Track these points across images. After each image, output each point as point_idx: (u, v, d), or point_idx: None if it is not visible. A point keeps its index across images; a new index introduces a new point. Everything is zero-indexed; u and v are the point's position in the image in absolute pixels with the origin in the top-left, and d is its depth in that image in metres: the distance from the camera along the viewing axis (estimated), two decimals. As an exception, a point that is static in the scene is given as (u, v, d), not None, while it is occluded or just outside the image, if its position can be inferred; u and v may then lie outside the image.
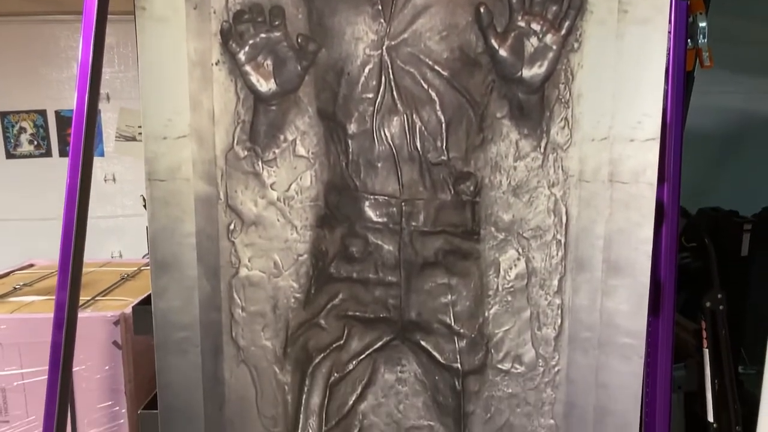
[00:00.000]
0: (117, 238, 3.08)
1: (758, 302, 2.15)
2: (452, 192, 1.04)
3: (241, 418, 1.09)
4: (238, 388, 1.08)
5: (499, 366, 1.09)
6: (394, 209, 1.04)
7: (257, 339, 1.08)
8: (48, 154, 3.06)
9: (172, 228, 1.01)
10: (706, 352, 1.44)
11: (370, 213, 1.05)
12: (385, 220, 1.05)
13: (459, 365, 1.09)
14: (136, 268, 1.91)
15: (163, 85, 0.98)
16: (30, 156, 3.06)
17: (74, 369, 1.42)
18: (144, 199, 1.06)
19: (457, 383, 1.10)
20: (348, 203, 1.05)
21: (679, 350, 1.48)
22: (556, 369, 1.07)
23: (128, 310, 1.46)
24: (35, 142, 3.06)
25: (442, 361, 1.09)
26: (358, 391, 1.10)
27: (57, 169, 2.81)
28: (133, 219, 2.99)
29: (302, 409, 1.10)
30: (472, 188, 1.03)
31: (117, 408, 1.46)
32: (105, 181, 3.05)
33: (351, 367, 1.10)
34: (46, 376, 1.34)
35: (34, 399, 1.45)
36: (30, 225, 2.97)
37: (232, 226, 1.05)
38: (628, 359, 1.01)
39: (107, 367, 1.45)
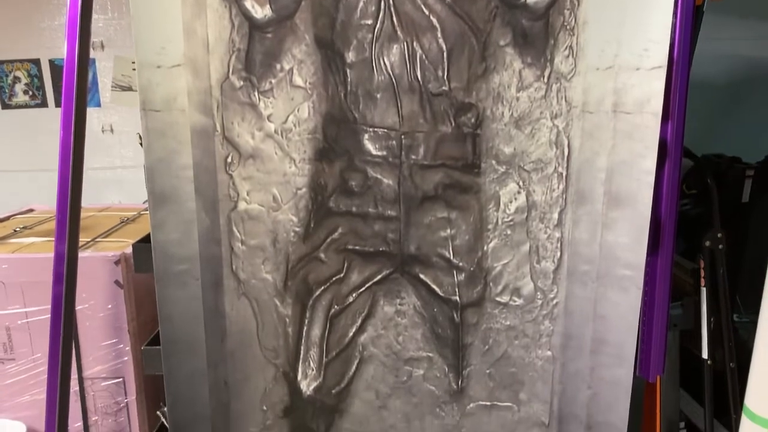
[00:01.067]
0: (116, 189, 3.07)
1: (756, 249, 2.15)
2: (453, 124, 1.02)
3: (243, 350, 1.11)
4: (239, 321, 1.10)
5: (498, 299, 1.10)
6: (394, 142, 1.03)
7: (258, 272, 1.08)
8: (44, 104, 3.01)
9: (169, 160, 1.00)
10: (704, 290, 1.45)
11: (369, 146, 1.03)
12: (384, 153, 1.04)
13: (457, 298, 1.10)
14: (135, 213, 1.90)
15: (155, 11, 0.95)
16: (26, 106, 3.01)
17: (77, 308, 1.44)
18: (140, 137, 1.04)
19: (455, 316, 1.11)
20: (347, 136, 1.03)
21: (676, 289, 1.49)
22: (554, 302, 1.08)
23: (129, 249, 1.46)
24: (30, 92, 3.01)
25: (440, 293, 1.10)
26: (358, 323, 1.12)
27: (54, 120, 2.76)
28: (132, 170, 2.97)
29: (303, 340, 1.12)
30: (473, 120, 1.02)
31: (121, 345, 1.49)
32: (102, 131, 3.01)
33: (351, 299, 1.11)
34: (49, 315, 1.36)
35: (38, 337, 1.47)
36: (29, 176, 2.96)
37: (229, 159, 1.03)
38: (627, 291, 1.02)
39: (110, 306, 1.46)
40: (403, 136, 1.02)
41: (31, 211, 1.99)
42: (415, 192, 1.05)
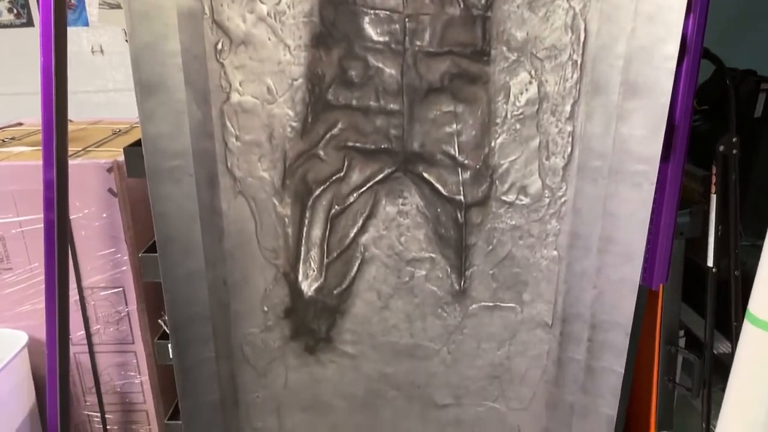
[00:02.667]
0: (109, 113, 2.98)
1: (764, 168, 2.10)
2: (462, 5, 0.94)
3: (242, 251, 1.08)
4: (237, 221, 1.06)
5: (504, 198, 1.06)
6: (397, 26, 0.95)
7: (254, 170, 1.04)
8: (29, 23, 2.87)
9: (155, 45, 0.93)
10: (714, 197, 1.41)
11: (370, 30, 0.96)
12: (386, 39, 0.96)
13: (462, 197, 1.06)
14: (128, 126, 1.84)
15: None
16: (11, 26, 2.87)
17: (72, 217, 1.41)
18: (126, 33, 0.97)
19: (459, 215, 1.07)
20: (345, 19, 0.95)
21: (684, 198, 1.45)
22: (562, 200, 1.04)
23: (121, 157, 1.42)
24: (15, 11, 2.85)
25: (444, 193, 1.06)
26: (359, 223, 1.08)
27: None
28: (125, 93, 2.87)
29: (303, 241, 1.09)
30: (483, 0, 0.94)
31: (119, 255, 1.47)
32: (92, 52, 2.88)
33: (352, 199, 1.07)
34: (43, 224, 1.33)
35: (34, 246, 1.45)
36: (16, 99, 2.86)
37: (219, 46, 0.96)
38: (639, 186, 0.98)
39: (105, 215, 1.43)
40: (407, 19, 0.95)
41: (20, 124, 1.92)
42: (419, 83, 0.99)
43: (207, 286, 1.07)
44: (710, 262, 1.46)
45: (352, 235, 1.09)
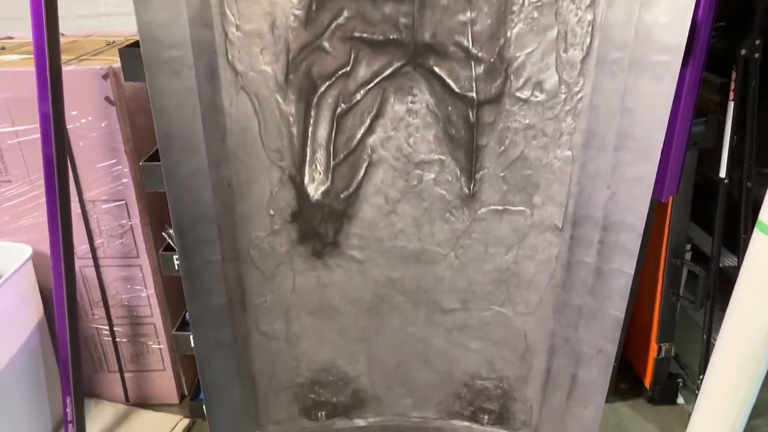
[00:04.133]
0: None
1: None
2: None
3: (245, 151, 1.05)
4: (240, 119, 1.02)
5: (518, 94, 1.02)
6: None
7: (256, 63, 0.99)
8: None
9: None
10: (731, 105, 1.36)
11: None
12: None
13: (474, 94, 1.02)
14: (122, 39, 1.76)
15: None
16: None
17: (69, 127, 1.36)
18: None
19: (471, 114, 1.03)
20: None
21: (699, 108, 1.40)
22: (579, 96, 1.00)
23: (117, 64, 1.36)
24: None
25: (456, 89, 1.02)
26: (367, 123, 1.05)
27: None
28: (119, 18, 2.75)
29: (308, 142, 1.06)
30: None
31: (119, 167, 1.43)
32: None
33: (359, 97, 1.02)
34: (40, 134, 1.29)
35: (32, 158, 1.42)
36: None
37: None
38: (660, 79, 0.93)
39: (103, 125, 1.39)
40: None
41: (10, 38, 1.84)
42: (431, -34, 0.92)
43: (211, 187, 1.04)
44: (722, 173, 1.43)
45: (359, 135, 1.06)
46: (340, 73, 1.01)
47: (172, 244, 1.48)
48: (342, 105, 1.03)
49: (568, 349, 1.20)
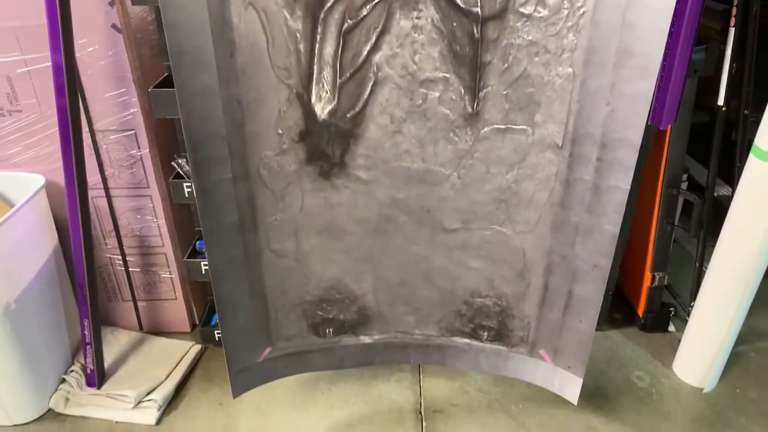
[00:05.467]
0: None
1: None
2: None
3: (254, 67, 1.07)
4: (248, 35, 1.04)
5: (521, 10, 1.03)
6: None
7: (264, -23, 1.00)
8: None
9: None
10: (732, 31, 1.38)
11: None
12: None
13: (479, 9, 1.03)
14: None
15: None
16: None
17: (77, 55, 1.37)
18: None
19: (475, 30, 1.05)
20: None
21: (700, 36, 1.42)
22: (581, 11, 1.02)
23: (122, -9, 1.37)
24: None
25: (461, 4, 1.03)
26: (373, 40, 1.07)
27: None
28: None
29: (315, 59, 1.08)
30: None
31: (127, 97, 1.46)
32: None
33: (365, 12, 1.04)
34: (50, 63, 1.31)
35: (43, 88, 1.44)
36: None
37: None
38: (662, -9, 0.95)
39: (110, 53, 1.40)
40: None
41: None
42: None
43: (221, 105, 1.07)
44: (721, 101, 1.46)
45: (365, 53, 1.08)
46: (346, -12, 1.02)
47: (181, 172, 1.52)
48: (348, 21, 1.05)
49: (564, 266, 1.26)
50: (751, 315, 1.90)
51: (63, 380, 1.60)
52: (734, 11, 1.36)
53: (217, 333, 1.73)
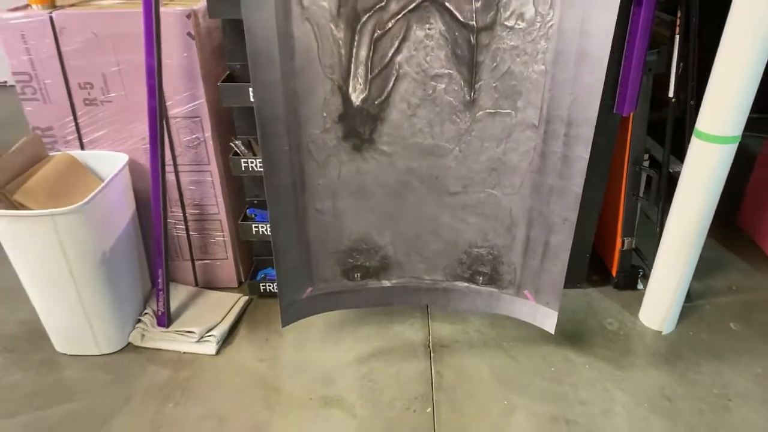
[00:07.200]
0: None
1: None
2: None
3: (308, 66, 1.44)
4: (304, 42, 1.41)
5: (506, 23, 1.40)
6: None
7: None
8: None
9: None
10: (677, 38, 1.73)
11: None
12: None
13: (474, 22, 1.40)
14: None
15: None
16: None
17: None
18: None
19: (472, 38, 1.42)
20: None
21: (654, 41, 1.78)
22: (550, 23, 1.38)
23: (198, 6, 1.74)
24: None
25: (461, 19, 1.40)
26: (396, 45, 1.43)
27: None
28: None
29: (353, 60, 1.44)
30: None
31: (194, 90, 1.82)
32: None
33: (390, 24, 1.40)
34: (138, 64, 1.68)
35: (129, 83, 1.81)
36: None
37: None
38: (607, 8, 1.30)
39: (185, 55, 1.77)
40: None
41: (89, -12, 2.20)
42: (443, -72, 1.29)
43: (282, 94, 1.44)
44: (671, 93, 1.82)
45: (390, 54, 1.44)
46: (377, 7, 1.38)
47: (237, 151, 1.89)
48: (378, 31, 1.41)
49: (542, 221, 1.61)
50: (710, 276, 2.27)
51: (139, 320, 1.97)
52: (678, 22, 1.72)
53: (262, 285, 2.09)
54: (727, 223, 2.60)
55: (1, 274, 2.25)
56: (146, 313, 1.98)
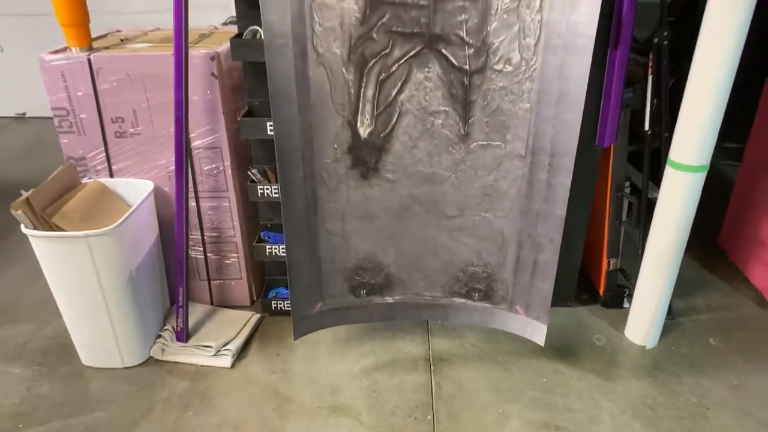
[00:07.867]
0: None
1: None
2: (468, -67, 1.44)
3: (321, 103, 1.63)
4: (318, 83, 1.60)
5: (495, 67, 1.59)
6: (426, -53, 1.45)
7: (330, 47, 1.57)
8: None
9: (271, -39, 1.44)
10: (650, 78, 1.94)
11: (409, -50, 1.46)
12: (419, -44, 1.47)
13: (467, 66, 1.60)
14: (206, 31, 2.35)
15: None
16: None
17: (184, 94, 1.94)
18: None
19: (465, 80, 1.61)
20: (393, -57, 1.45)
21: (630, 79, 1.98)
22: (533, 67, 1.58)
23: (220, 49, 1.95)
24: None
25: (456, 63, 1.59)
26: (399, 86, 1.63)
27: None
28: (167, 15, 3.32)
29: (361, 98, 1.64)
30: (483, -71, 1.43)
31: (215, 124, 2.02)
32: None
33: (394, 68, 1.60)
34: (165, 101, 1.88)
35: (157, 118, 2.00)
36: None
37: (311, -39, 1.47)
38: (582, 54, 1.50)
39: (208, 92, 1.97)
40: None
41: (119, 31, 2.43)
42: (440, -13, 1.50)
43: (299, 127, 1.63)
44: (647, 127, 2.01)
45: (393, 94, 1.64)
46: (382, 53, 1.58)
47: (254, 179, 2.08)
48: (383, 74, 1.61)
49: (530, 241, 1.78)
50: (691, 295, 2.42)
51: (159, 336, 2.12)
52: (651, 63, 1.92)
53: (273, 304, 2.25)
54: (709, 246, 2.77)
55: (32, 292, 2.41)
56: (166, 329, 2.13)
